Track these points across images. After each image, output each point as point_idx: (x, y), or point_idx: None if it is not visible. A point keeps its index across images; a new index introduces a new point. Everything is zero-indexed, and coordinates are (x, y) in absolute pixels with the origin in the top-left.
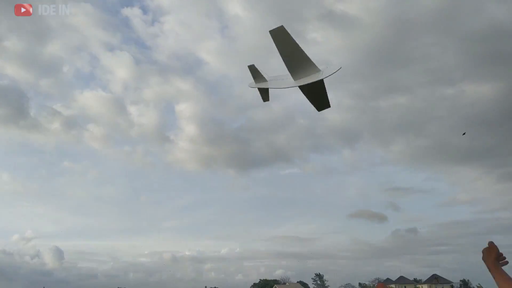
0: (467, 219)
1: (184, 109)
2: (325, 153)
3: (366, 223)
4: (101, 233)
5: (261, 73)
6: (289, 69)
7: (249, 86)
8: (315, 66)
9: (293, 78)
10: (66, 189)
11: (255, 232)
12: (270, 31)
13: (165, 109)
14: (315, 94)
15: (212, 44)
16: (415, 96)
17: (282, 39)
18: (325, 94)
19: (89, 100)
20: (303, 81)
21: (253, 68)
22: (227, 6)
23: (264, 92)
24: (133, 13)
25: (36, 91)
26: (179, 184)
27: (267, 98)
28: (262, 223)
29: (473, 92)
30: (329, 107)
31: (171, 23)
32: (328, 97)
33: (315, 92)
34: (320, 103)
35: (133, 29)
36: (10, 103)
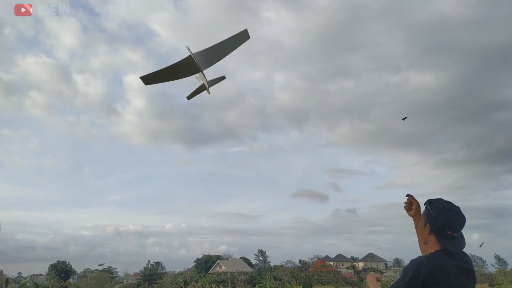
0: (403, 202)
1: (132, 81)
2: (273, 133)
3: (308, 202)
4: (41, 205)
5: (198, 88)
6: (190, 75)
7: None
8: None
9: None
10: (4, 157)
11: (200, 208)
12: (140, 77)
13: (113, 79)
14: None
15: (164, 15)
16: (362, 81)
17: (154, 80)
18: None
19: (32, 65)
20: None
21: (192, 95)
22: None
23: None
24: None
25: None
26: (125, 157)
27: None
28: (207, 199)
29: (417, 80)
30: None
31: None
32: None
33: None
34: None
35: None
36: None
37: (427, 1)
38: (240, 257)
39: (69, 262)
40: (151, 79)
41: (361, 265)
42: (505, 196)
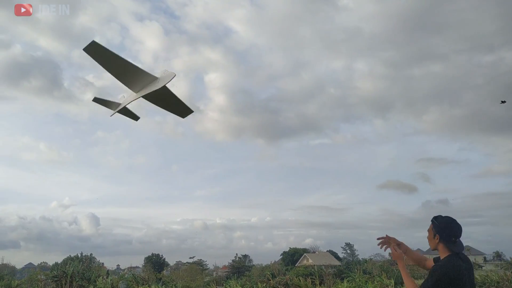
0: (502, 191)
1: (213, 79)
2: (356, 123)
3: (395, 194)
4: (135, 201)
5: (109, 100)
6: (123, 82)
7: (110, 116)
8: (151, 75)
9: (133, 91)
10: (100, 158)
11: (284, 201)
12: (83, 49)
13: (195, 79)
14: (167, 102)
15: (241, 12)
16: (451, 63)
17: (98, 54)
18: (179, 100)
19: None
20: (144, 91)
21: (99, 100)
22: None
23: (126, 113)
24: None
25: (69, 63)
26: (209, 154)
27: (135, 117)
28: (291, 193)
29: None
30: (192, 112)
31: None
32: (184, 102)
33: (166, 100)
34: (179, 110)
35: None
36: (44, 75)
37: None
38: (326, 250)
39: (162, 255)
40: (100, 51)
41: None
42: None
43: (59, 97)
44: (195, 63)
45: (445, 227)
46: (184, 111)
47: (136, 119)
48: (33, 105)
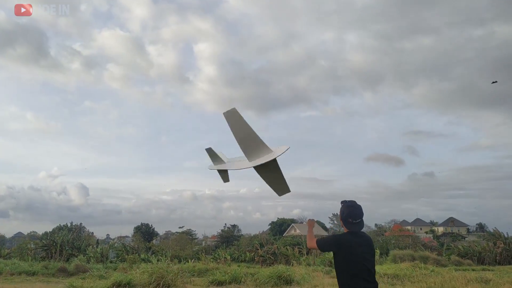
0: (488, 164)
1: (203, 49)
2: (345, 96)
3: (383, 166)
4: (124, 172)
5: (219, 156)
6: (243, 150)
7: (208, 168)
8: (267, 147)
9: (248, 159)
10: (88, 128)
11: None
12: (224, 113)
13: (184, 49)
14: (271, 176)
15: None
16: (442, 37)
17: (234, 120)
18: (282, 176)
19: (108, 39)
20: (257, 161)
21: (211, 151)
22: None
23: (223, 173)
24: None
25: (55, 31)
26: (199, 125)
27: (227, 179)
28: (280, 164)
29: (504, 33)
30: (289, 192)
31: None
32: (286, 181)
33: (271, 174)
34: (278, 187)
35: None
36: (30, 43)
37: None
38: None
39: (151, 224)
40: (237, 119)
41: (441, 229)
42: None
43: (46, 65)
44: (184, 32)
45: (344, 210)
46: (283, 188)
47: (226, 180)
48: (19, 73)
